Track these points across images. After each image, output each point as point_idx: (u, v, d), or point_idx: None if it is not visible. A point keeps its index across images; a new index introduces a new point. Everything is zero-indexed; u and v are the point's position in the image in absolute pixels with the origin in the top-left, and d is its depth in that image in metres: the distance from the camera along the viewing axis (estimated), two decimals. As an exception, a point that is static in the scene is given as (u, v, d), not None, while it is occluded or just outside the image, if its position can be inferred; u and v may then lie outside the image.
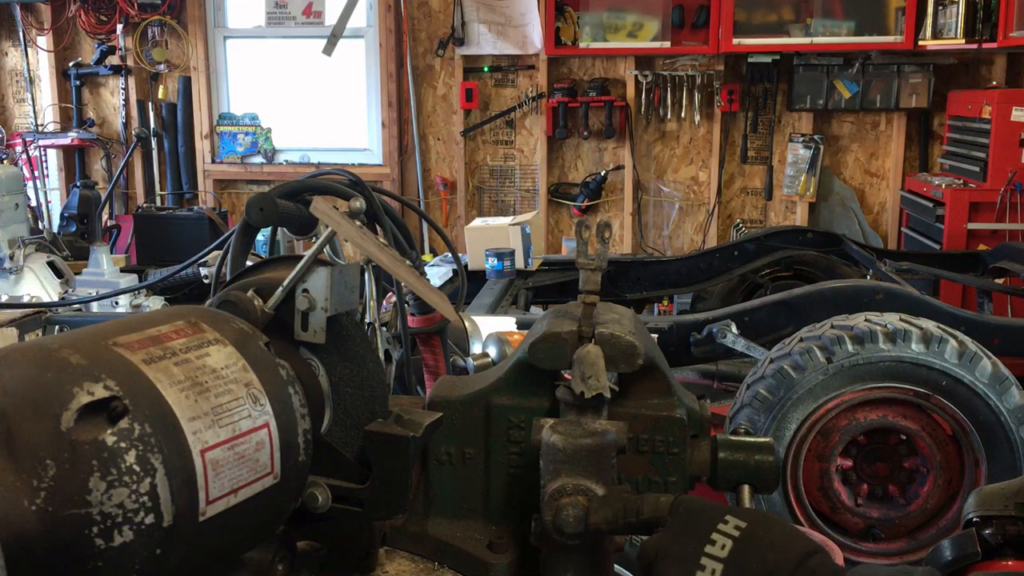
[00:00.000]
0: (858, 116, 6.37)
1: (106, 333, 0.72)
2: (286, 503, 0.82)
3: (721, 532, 0.76)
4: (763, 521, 0.78)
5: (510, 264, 4.42)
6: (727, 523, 0.77)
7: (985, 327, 3.35)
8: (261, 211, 1.12)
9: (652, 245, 6.75)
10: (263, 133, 7.12)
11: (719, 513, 0.78)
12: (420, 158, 6.88)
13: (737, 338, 3.37)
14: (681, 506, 0.81)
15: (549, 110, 6.55)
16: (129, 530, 0.64)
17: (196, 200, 7.12)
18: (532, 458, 0.96)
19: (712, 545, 0.75)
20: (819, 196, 6.43)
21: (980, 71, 6.16)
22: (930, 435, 2.95)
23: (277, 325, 0.91)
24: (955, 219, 5.25)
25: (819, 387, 2.90)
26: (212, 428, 0.71)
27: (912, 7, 5.82)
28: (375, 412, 0.96)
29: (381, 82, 6.81)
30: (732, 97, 6.34)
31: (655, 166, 6.66)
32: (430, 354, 1.61)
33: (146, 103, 7.18)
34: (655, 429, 0.98)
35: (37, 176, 7.12)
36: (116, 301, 3.63)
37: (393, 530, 1.00)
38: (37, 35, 7.19)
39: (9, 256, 3.97)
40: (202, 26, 6.98)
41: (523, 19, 6.40)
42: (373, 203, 1.33)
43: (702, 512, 0.79)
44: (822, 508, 3.07)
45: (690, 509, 0.80)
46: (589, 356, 0.93)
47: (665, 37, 6.30)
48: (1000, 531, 1.09)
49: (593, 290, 0.98)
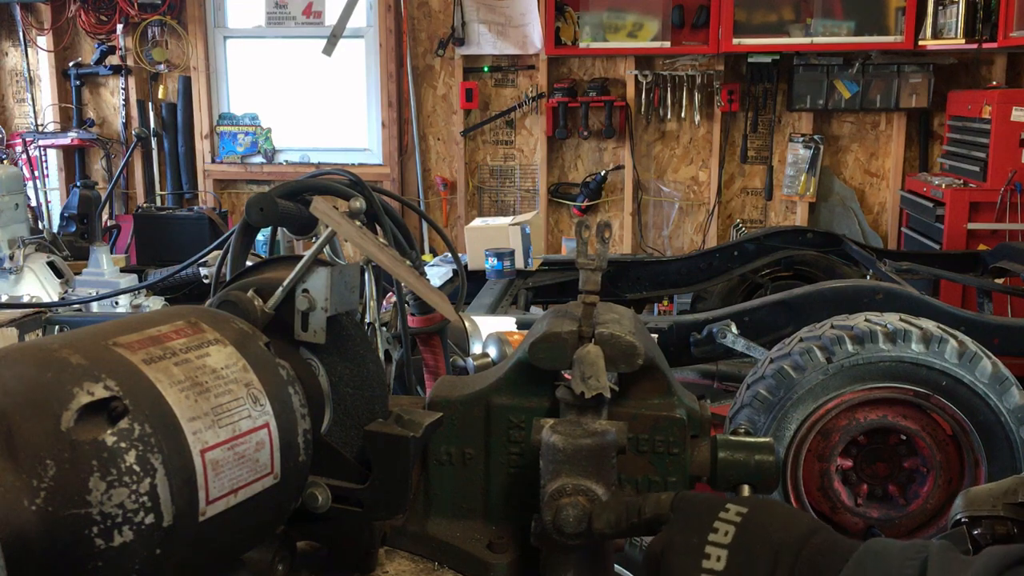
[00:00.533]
0: (858, 116, 6.37)
1: (106, 333, 0.72)
2: (286, 503, 0.82)
3: (723, 520, 0.77)
4: (764, 505, 0.79)
5: (510, 264, 4.42)
6: (728, 511, 0.78)
7: (985, 327, 3.35)
8: (261, 211, 1.12)
9: (652, 245, 6.75)
10: (263, 133, 7.12)
11: (720, 503, 0.79)
12: (420, 158, 6.88)
13: (737, 338, 3.37)
14: (682, 501, 0.82)
15: (549, 110, 6.55)
16: (129, 530, 0.64)
17: (196, 200, 7.12)
18: (532, 458, 0.96)
19: (715, 533, 0.76)
20: (819, 196, 6.43)
21: (980, 71, 6.16)
22: (930, 435, 2.95)
23: (277, 325, 0.91)
24: (955, 219, 5.25)
25: (819, 387, 2.90)
26: (212, 428, 0.71)
27: (912, 7, 5.83)
28: (375, 412, 0.96)
29: (381, 82, 6.81)
30: (732, 97, 6.34)
31: (655, 166, 6.66)
32: (430, 354, 1.60)
33: (146, 103, 7.18)
34: (655, 429, 0.98)
35: (37, 176, 7.12)
36: (116, 301, 3.63)
37: (393, 530, 1.00)
38: (37, 35, 7.19)
39: (9, 256, 3.97)
40: (202, 26, 6.98)
41: (523, 19, 6.40)
42: (373, 203, 1.33)
43: (703, 503, 0.80)
44: (822, 508, 3.07)
45: (691, 502, 0.81)
46: (589, 356, 0.93)
47: (665, 37, 6.30)
48: (989, 531, 1.09)
49: (593, 290, 0.98)
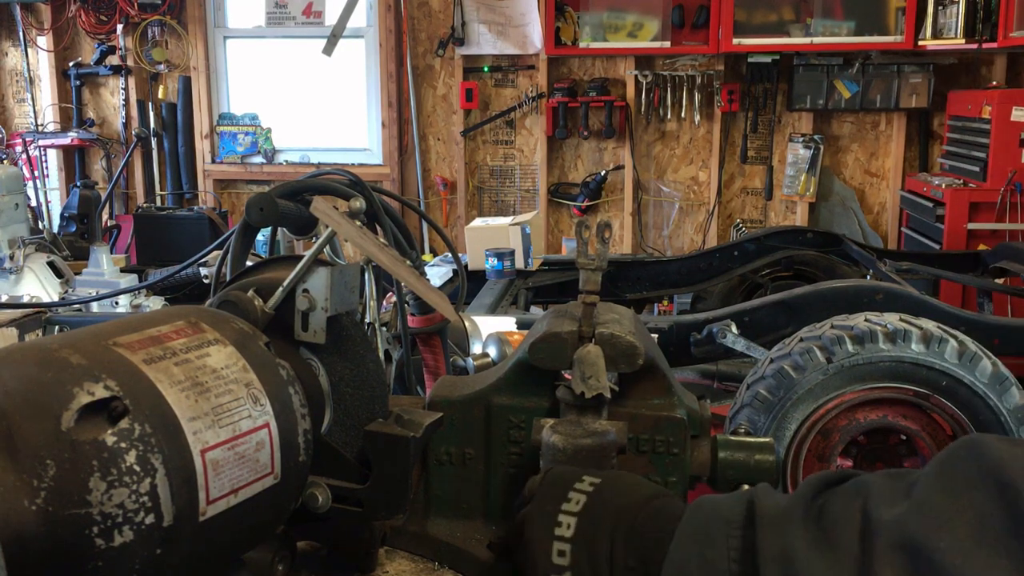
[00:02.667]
0: (858, 116, 6.37)
1: (106, 333, 0.72)
2: (286, 503, 0.82)
3: (576, 490, 0.81)
4: (613, 476, 0.83)
5: (510, 264, 4.42)
6: (583, 482, 0.82)
7: (985, 327, 3.35)
8: (261, 211, 1.12)
9: (652, 245, 6.74)
10: (263, 133, 7.12)
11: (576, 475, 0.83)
12: (420, 158, 6.88)
13: (737, 338, 3.37)
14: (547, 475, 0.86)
15: (549, 110, 6.54)
16: (129, 530, 0.64)
17: (196, 200, 7.11)
18: (532, 458, 0.96)
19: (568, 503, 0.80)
20: (819, 196, 6.42)
21: (980, 71, 6.16)
22: (930, 435, 2.95)
23: (277, 325, 0.91)
24: (955, 219, 5.25)
25: (819, 387, 2.90)
26: (212, 428, 0.71)
27: (912, 7, 5.82)
28: (375, 412, 0.96)
29: (381, 82, 6.81)
30: (732, 97, 6.34)
31: (655, 166, 6.66)
32: (430, 354, 1.60)
33: (146, 103, 7.18)
34: (655, 429, 0.98)
35: (37, 176, 7.12)
36: (116, 301, 3.63)
37: (393, 530, 1.00)
38: (37, 35, 7.19)
39: (9, 256, 3.97)
40: (202, 26, 6.98)
41: (523, 19, 6.40)
42: (373, 203, 1.33)
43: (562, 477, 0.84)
44: (822, 508, 3.06)
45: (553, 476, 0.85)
46: (589, 356, 0.93)
47: (665, 37, 6.30)
48: None
49: (593, 290, 0.98)
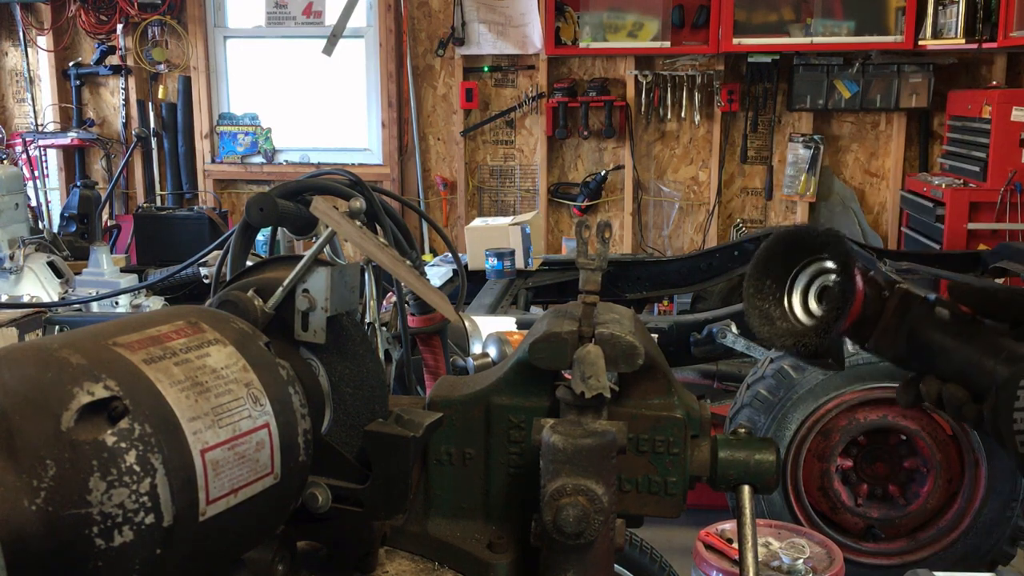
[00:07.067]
0: (858, 116, 6.37)
1: (106, 333, 0.72)
2: (286, 503, 0.82)
3: None
4: None
5: (510, 264, 4.42)
6: None
7: (985, 327, 3.34)
8: (261, 211, 1.13)
9: (652, 245, 6.74)
10: (263, 133, 7.12)
11: None
12: (420, 158, 6.88)
13: (737, 338, 3.37)
14: None
15: (549, 110, 6.54)
16: (129, 530, 0.64)
17: (196, 200, 7.11)
18: (532, 458, 0.96)
19: None
20: (819, 196, 6.42)
21: (980, 71, 6.16)
22: (930, 435, 2.95)
23: (277, 325, 0.91)
24: (955, 219, 5.25)
25: (819, 387, 2.90)
26: (212, 428, 0.71)
27: (912, 7, 5.82)
28: (375, 412, 0.96)
29: (381, 82, 6.81)
30: (732, 97, 6.34)
31: (655, 166, 6.66)
32: (430, 354, 1.61)
33: (146, 103, 7.18)
34: (655, 429, 0.98)
35: (37, 176, 7.11)
36: (116, 301, 3.63)
37: (393, 530, 1.00)
38: (37, 35, 7.19)
39: (9, 256, 3.97)
40: (202, 26, 6.97)
41: (523, 19, 6.40)
42: (373, 203, 1.33)
43: None
44: (822, 508, 3.07)
45: None
46: (589, 356, 0.93)
47: (665, 37, 6.30)
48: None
49: (593, 290, 0.98)
